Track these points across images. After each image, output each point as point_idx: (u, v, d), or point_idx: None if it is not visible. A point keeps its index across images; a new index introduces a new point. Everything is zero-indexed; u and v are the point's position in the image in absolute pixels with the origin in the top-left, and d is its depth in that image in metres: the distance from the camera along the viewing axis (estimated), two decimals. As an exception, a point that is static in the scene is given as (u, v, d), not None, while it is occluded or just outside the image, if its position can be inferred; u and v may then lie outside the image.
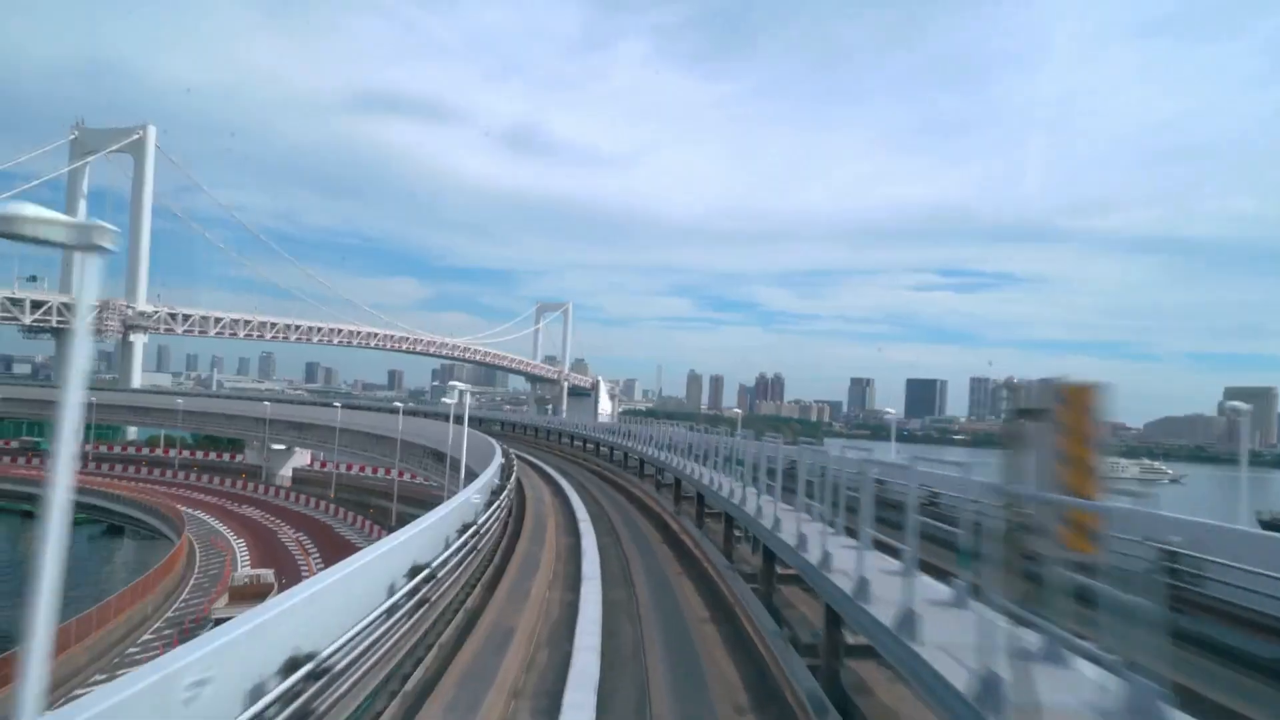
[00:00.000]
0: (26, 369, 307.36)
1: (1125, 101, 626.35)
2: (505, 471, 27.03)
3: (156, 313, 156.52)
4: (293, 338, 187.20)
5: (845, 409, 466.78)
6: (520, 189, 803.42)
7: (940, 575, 8.13)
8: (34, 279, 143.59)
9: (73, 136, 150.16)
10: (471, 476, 28.33)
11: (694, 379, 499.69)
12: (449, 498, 19.49)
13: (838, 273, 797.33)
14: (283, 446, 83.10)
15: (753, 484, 16.14)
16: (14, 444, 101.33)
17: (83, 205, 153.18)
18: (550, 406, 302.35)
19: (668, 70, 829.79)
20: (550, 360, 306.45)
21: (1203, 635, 9.65)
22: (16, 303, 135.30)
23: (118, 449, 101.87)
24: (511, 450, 36.48)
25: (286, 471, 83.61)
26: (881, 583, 7.81)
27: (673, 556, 20.89)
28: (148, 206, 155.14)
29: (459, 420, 33.82)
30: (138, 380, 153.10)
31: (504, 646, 11.90)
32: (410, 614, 11.11)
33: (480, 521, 17.27)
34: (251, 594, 36.50)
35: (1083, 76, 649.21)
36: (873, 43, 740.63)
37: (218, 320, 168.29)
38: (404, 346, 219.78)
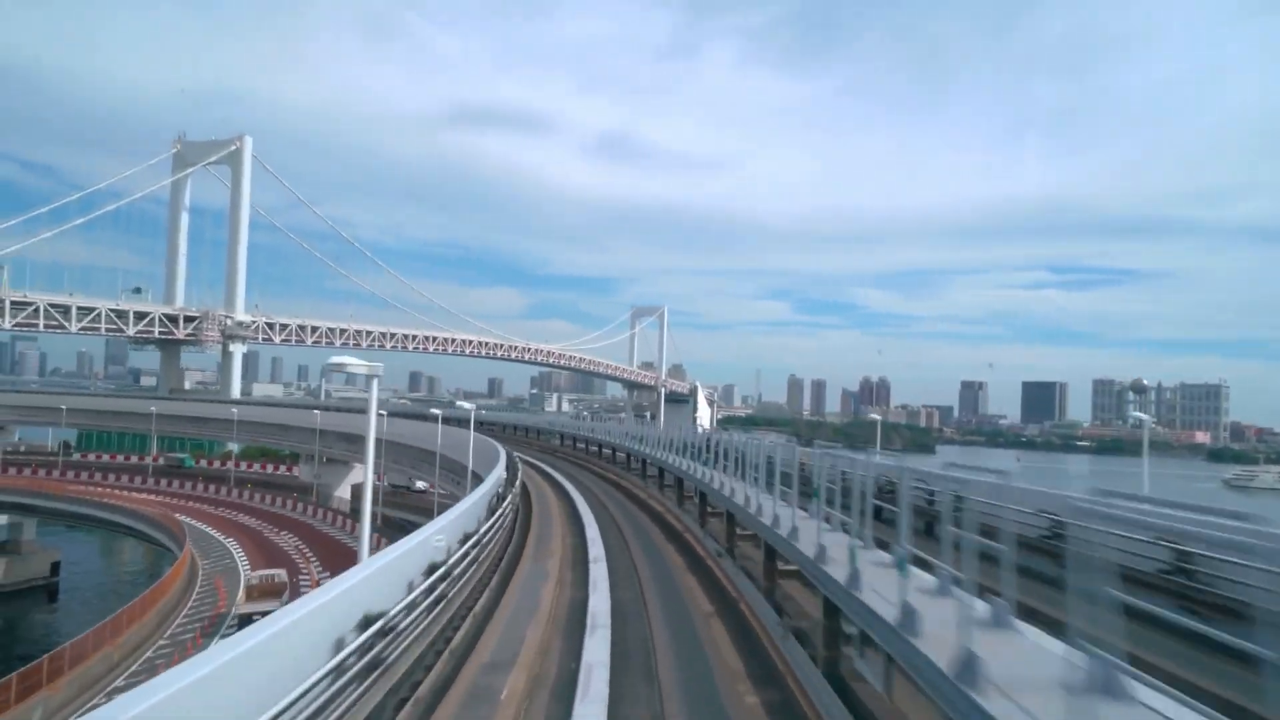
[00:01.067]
0: (153, 381, 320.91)
1: (1253, 83, 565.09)
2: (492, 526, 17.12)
3: (254, 323, 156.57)
4: (388, 345, 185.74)
5: (956, 414, 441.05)
6: (616, 196, 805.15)
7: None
8: (138, 290, 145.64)
9: (175, 150, 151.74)
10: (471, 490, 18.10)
11: (794, 383, 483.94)
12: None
13: (942, 272, 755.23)
14: (340, 461, 74.02)
15: None
16: (160, 461, 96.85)
17: (185, 218, 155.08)
18: (648, 414, 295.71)
19: (758, 72, 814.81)
20: (647, 366, 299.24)
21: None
22: (121, 314, 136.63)
23: (203, 464, 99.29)
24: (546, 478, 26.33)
25: (344, 491, 74.30)
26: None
27: None
28: (245, 217, 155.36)
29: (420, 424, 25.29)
30: (237, 389, 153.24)
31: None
32: None
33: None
34: (267, 591, 38.44)
35: (1205, 57, 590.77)
36: (971, 33, 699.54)
37: (314, 329, 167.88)
38: (499, 353, 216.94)
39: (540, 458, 52.04)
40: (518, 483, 24.56)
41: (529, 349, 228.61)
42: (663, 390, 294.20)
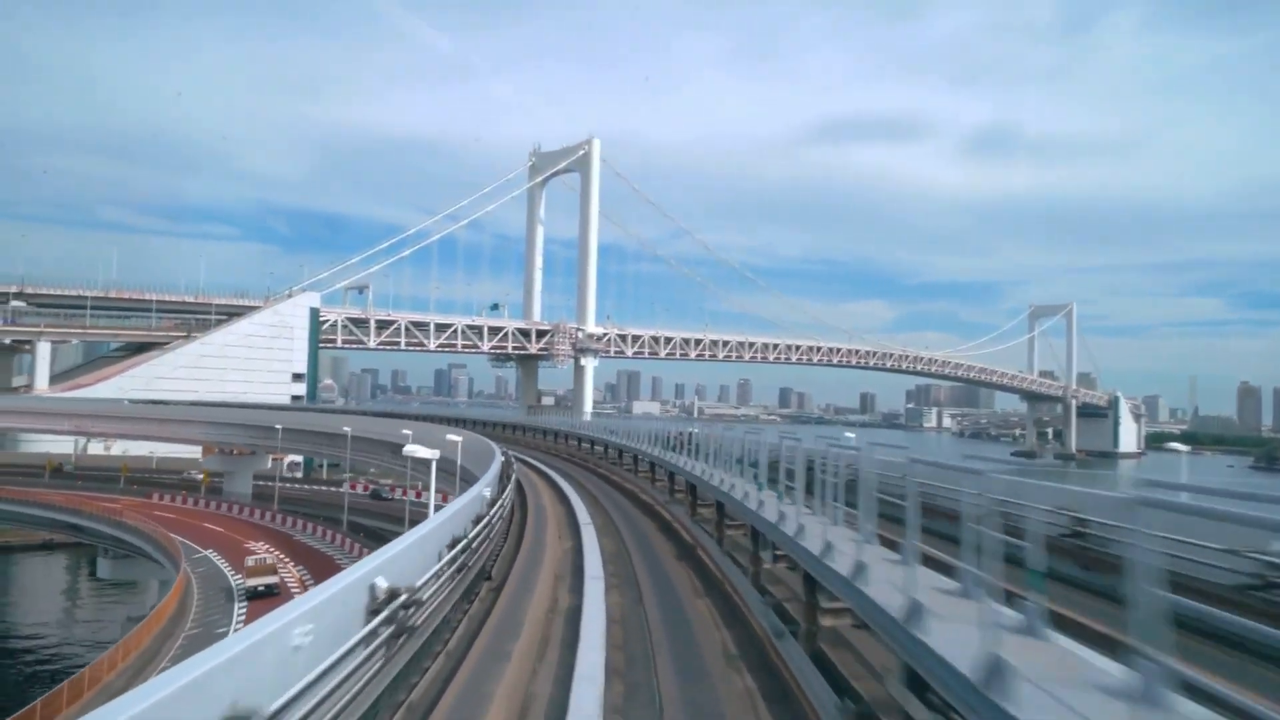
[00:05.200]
0: (550, 400, 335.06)
1: None
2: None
3: (605, 334, 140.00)
4: (747, 356, 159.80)
5: None
6: (996, 194, 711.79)
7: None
8: (496, 307, 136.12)
9: (531, 163, 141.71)
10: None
11: (1248, 392, 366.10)
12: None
13: None
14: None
15: None
16: None
17: (540, 232, 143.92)
18: (1049, 430, 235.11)
19: (1168, 35, 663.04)
20: (1047, 375, 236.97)
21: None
22: (476, 330, 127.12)
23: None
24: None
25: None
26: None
27: None
28: (594, 223, 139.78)
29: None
30: (589, 404, 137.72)
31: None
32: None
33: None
34: (263, 571, 41.07)
35: None
36: None
37: (667, 340, 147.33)
38: (871, 362, 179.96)
39: None
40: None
41: (905, 356, 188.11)
42: (1073, 402, 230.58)
